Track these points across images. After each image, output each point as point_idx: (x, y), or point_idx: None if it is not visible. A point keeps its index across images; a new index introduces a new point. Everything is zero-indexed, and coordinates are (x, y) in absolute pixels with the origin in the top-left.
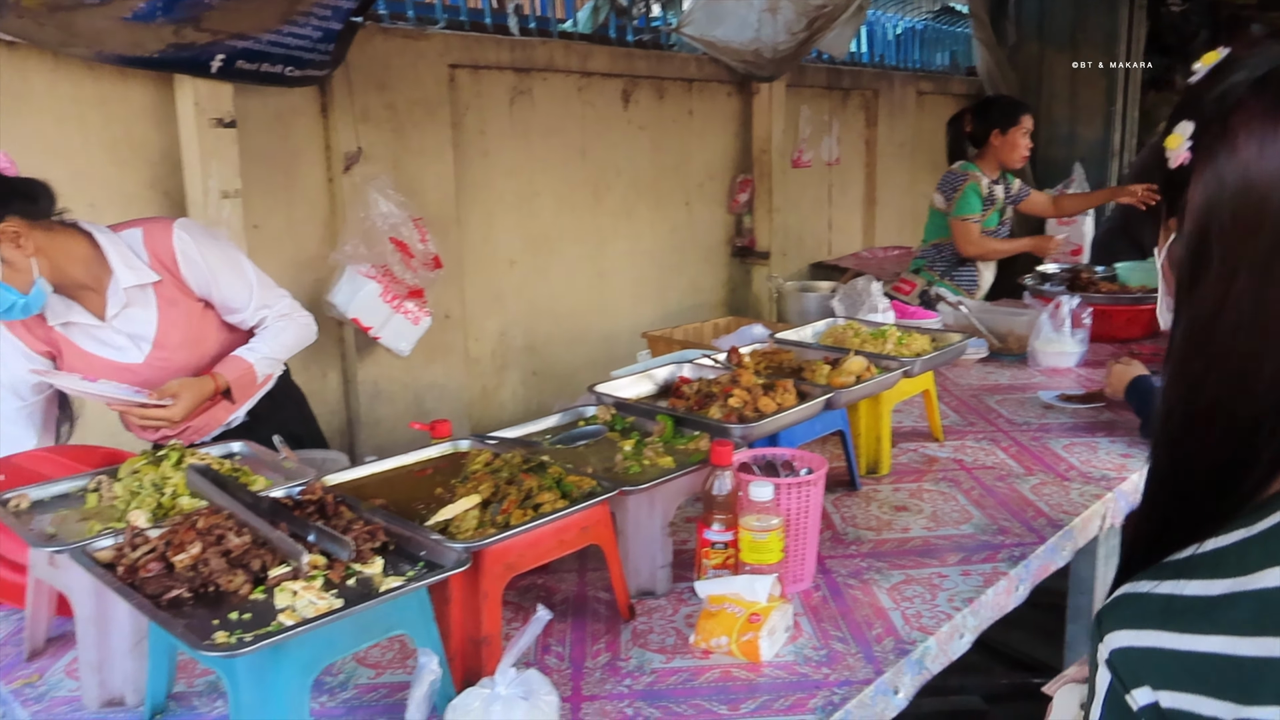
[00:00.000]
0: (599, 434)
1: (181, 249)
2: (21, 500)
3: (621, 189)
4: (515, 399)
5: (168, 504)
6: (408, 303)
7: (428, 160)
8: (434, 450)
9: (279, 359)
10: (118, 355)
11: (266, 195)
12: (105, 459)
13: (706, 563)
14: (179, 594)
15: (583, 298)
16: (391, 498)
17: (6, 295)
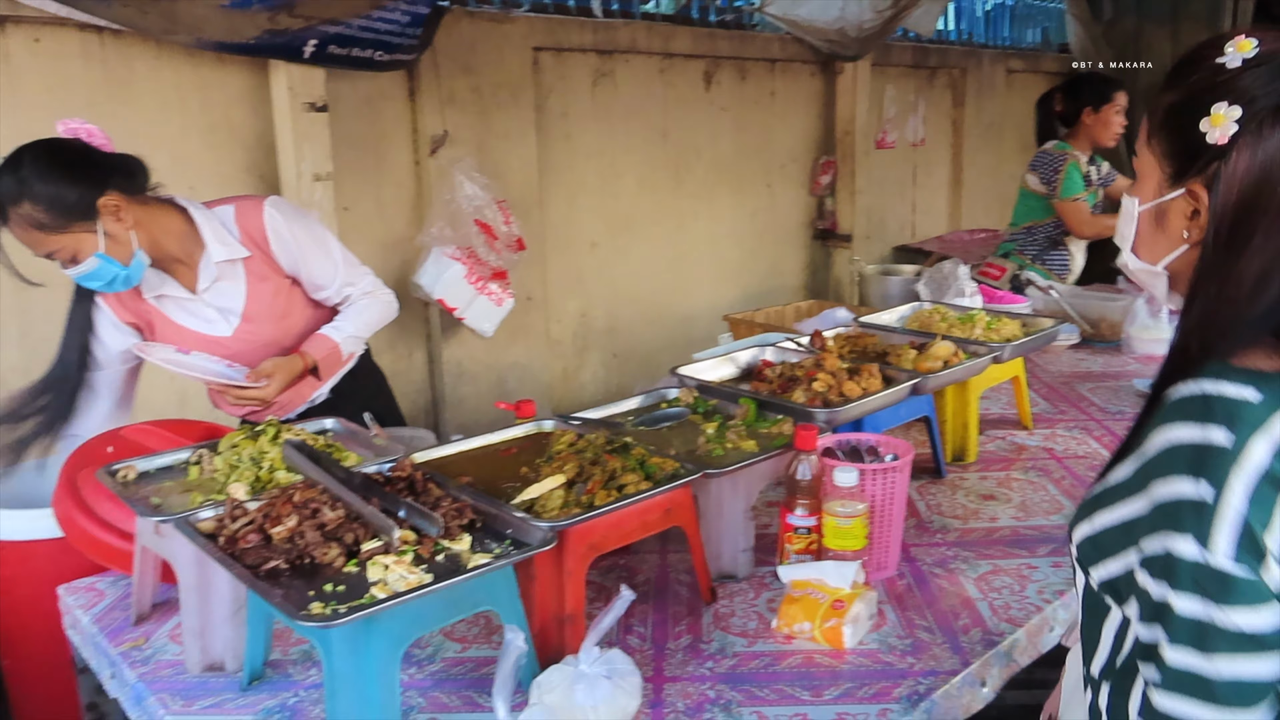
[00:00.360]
0: (682, 416)
1: (272, 226)
2: (129, 471)
3: (702, 171)
4: (595, 380)
5: (265, 477)
6: (491, 284)
7: (511, 143)
8: (519, 430)
9: (363, 337)
10: (207, 328)
11: (356, 178)
12: (205, 433)
13: (789, 547)
14: (276, 565)
15: (662, 280)
16: (478, 476)
17: (109, 267)
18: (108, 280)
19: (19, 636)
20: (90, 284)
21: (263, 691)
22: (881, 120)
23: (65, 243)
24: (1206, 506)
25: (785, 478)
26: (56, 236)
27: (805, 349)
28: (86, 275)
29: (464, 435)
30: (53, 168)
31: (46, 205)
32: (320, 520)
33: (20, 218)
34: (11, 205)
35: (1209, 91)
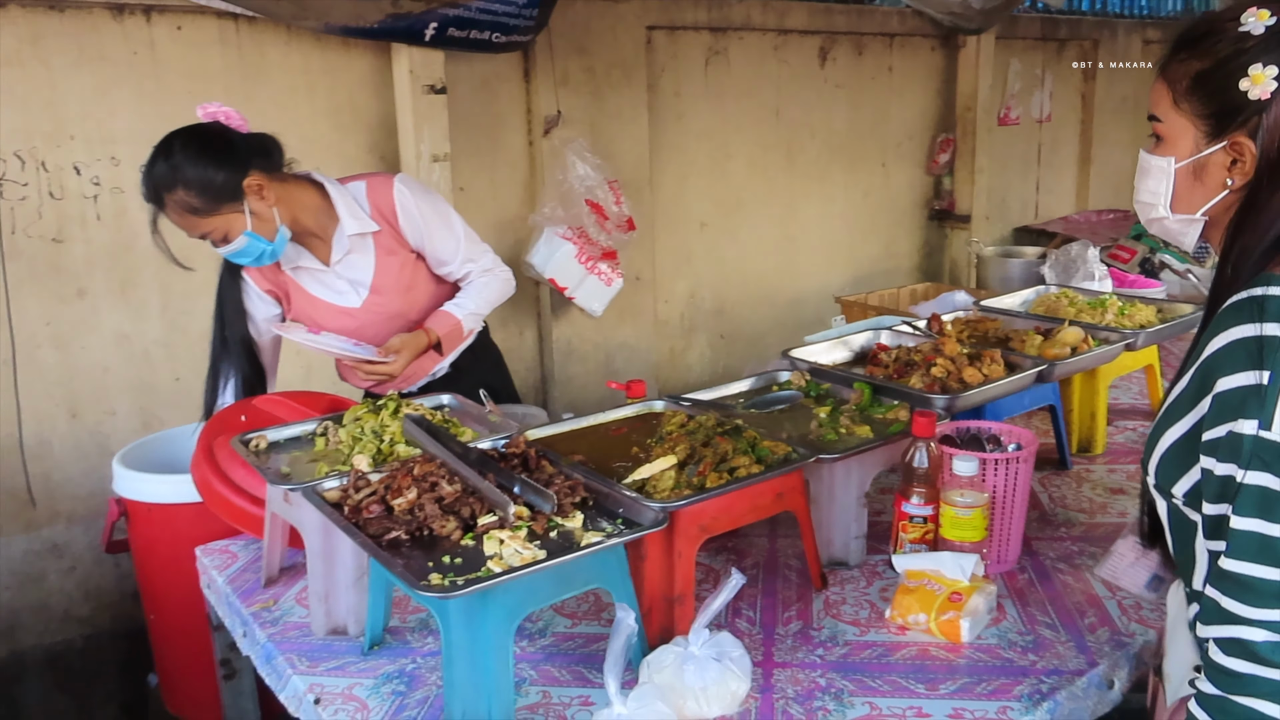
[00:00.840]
0: (794, 400)
1: (400, 202)
2: (261, 441)
3: (815, 150)
4: (702, 361)
5: (386, 450)
6: (601, 264)
7: (623, 123)
8: (629, 410)
9: (483, 314)
10: (338, 299)
11: (472, 158)
12: (330, 405)
13: (903, 536)
14: (397, 535)
15: (772, 261)
16: (589, 454)
17: (256, 244)
18: (255, 256)
19: (162, 593)
20: (239, 260)
21: (382, 657)
22: (1005, 96)
23: (216, 224)
24: (1265, 389)
25: (901, 465)
26: (209, 219)
27: (922, 333)
28: (236, 253)
29: (574, 414)
30: (201, 154)
31: (198, 190)
32: (439, 494)
33: (175, 203)
34: (167, 192)
35: (1241, 55)
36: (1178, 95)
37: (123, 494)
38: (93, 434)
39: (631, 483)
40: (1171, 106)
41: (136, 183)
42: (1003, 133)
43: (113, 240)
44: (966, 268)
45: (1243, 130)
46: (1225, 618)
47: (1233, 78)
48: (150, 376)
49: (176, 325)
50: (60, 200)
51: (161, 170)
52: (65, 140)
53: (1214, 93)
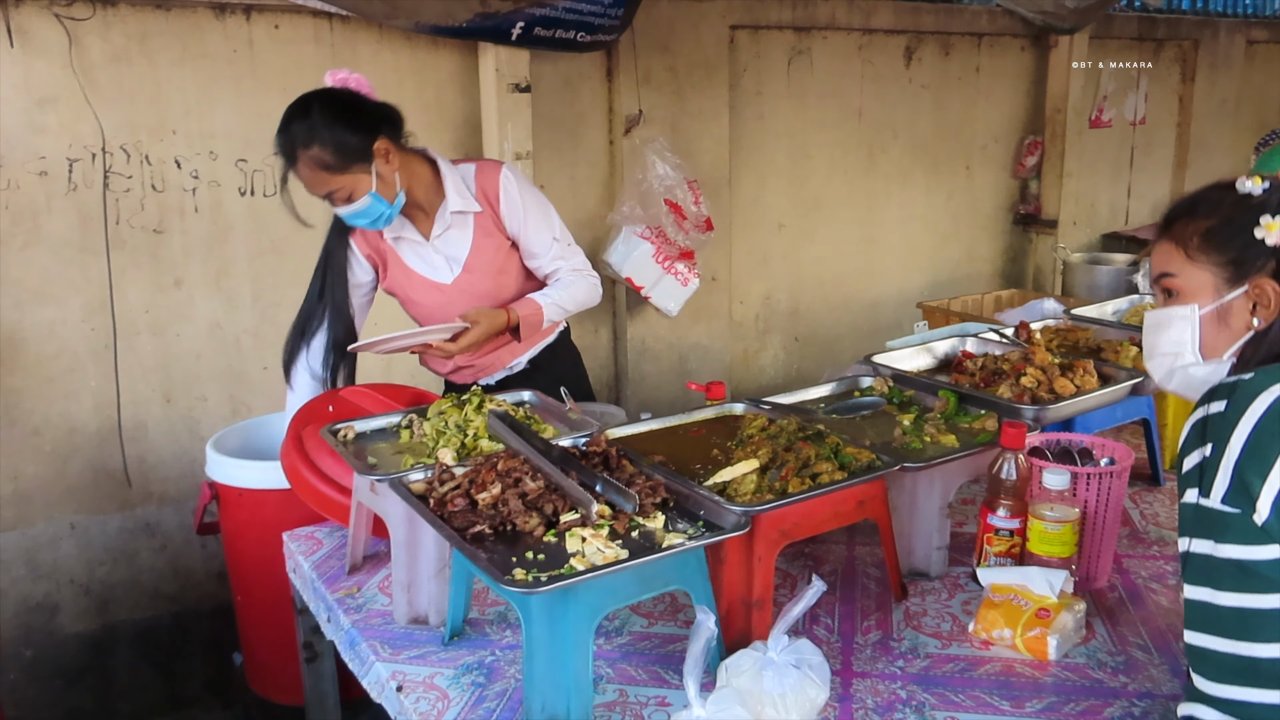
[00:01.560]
0: (876, 406)
1: (505, 187)
2: (349, 431)
3: (898, 152)
4: (776, 364)
5: (470, 445)
6: (678, 264)
7: (704, 122)
8: (708, 411)
9: (566, 310)
10: (432, 273)
11: (553, 156)
12: (414, 398)
13: (988, 549)
14: (481, 529)
15: (850, 263)
16: (669, 455)
17: (377, 206)
18: (374, 218)
19: (249, 575)
20: (357, 221)
21: (462, 648)
22: (1097, 97)
23: (344, 183)
24: (1205, 460)
25: (987, 476)
26: (338, 177)
27: (1009, 341)
28: (357, 213)
29: (650, 413)
30: (338, 114)
31: (333, 148)
32: (522, 489)
33: (309, 159)
34: (302, 148)
35: (1248, 211)
36: (1190, 250)
37: (215, 478)
38: (184, 419)
39: (713, 485)
40: (1186, 261)
41: (233, 177)
42: (1093, 135)
43: (209, 232)
44: (1051, 274)
45: (1263, 273)
46: (1190, 694)
47: (1245, 229)
48: (240, 364)
49: (266, 316)
50: (161, 193)
51: (299, 128)
52: (167, 135)
53: (1228, 243)
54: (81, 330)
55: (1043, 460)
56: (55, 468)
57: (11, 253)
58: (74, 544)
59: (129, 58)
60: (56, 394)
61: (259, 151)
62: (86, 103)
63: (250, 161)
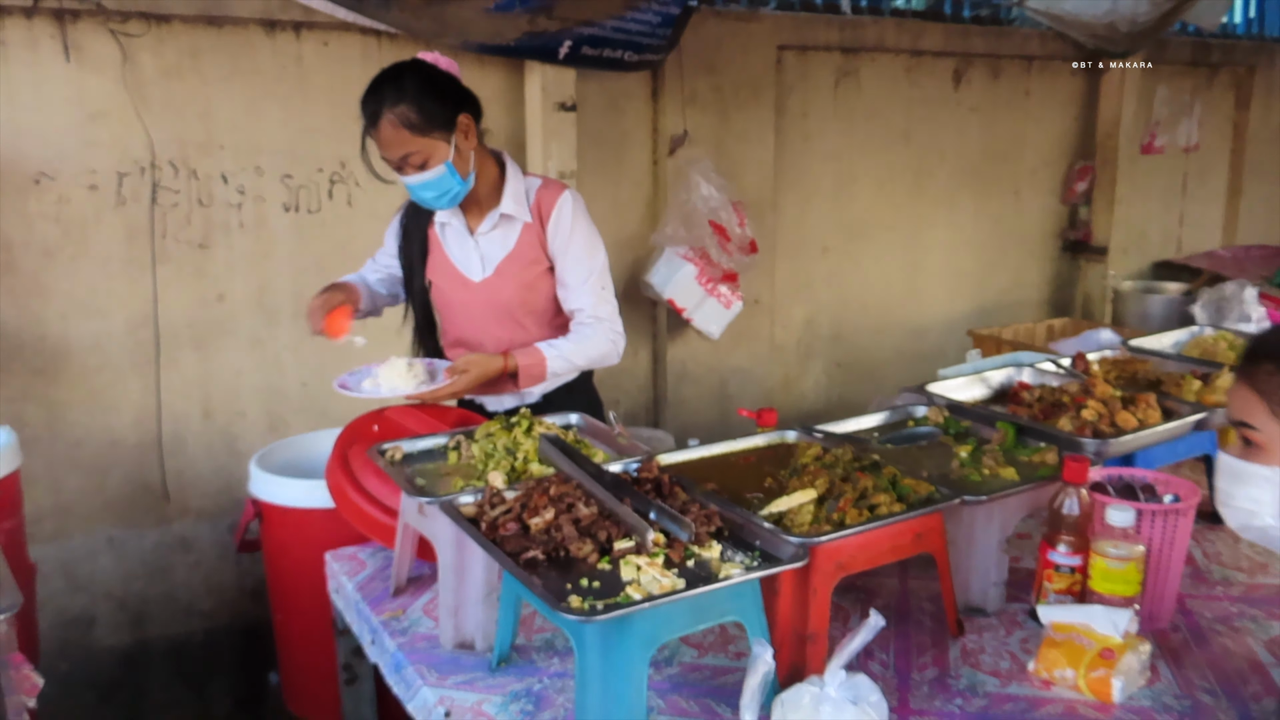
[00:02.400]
0: (933, 437)
1: (560, 208)
2: (396, 452)
3: (945, 175)
4: (817, 389)
5: (520, 468)
6: (721, 286)
7: (749, 143)
8: (761, 439)
9: (575, 365)
10: (465, 268)
11: (597, 176)
12: (459, 419)
13: (1047, 586)
14: (535, 555)
15: (894, 288)
16: (722, 483)
17: (450, 179)
18: (442, 191)
19: (290, 594)
20: (424, 193)
21: (509, 674)
22: (1149, 123)
23: (423, 146)
24: None
25: (1048, 511)
26: (419, 138)
27: (1067, 372)
28: (427, 183)
29: (698, 440)
30: (428, 81)
31: (419, 109)
32: (575, 515)
33: (394, 117)
34: (389, 106)
35: None
36: (1274, 405)
37: (258, 495)
38: (223, 434)
39: (769, 515)
40: (1270, 417)
41: (278, 192)
42: (1145, 161)
43: (253, 248)
44: (1100, 302)
45: None
46: None
47: None
48: (279, 381)
49: (305, 333)
50: (207, 207)
51: (390, 88)
52: (215, 150)
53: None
54: (125, 343)
55: (1105, 496)
56: (95, 481)
57: (60, 265)
58: (111, 558)
59: (180, 73)
60: (98, 407)
61: (305, 167)
62: (137, 117)
63: (295, 177)
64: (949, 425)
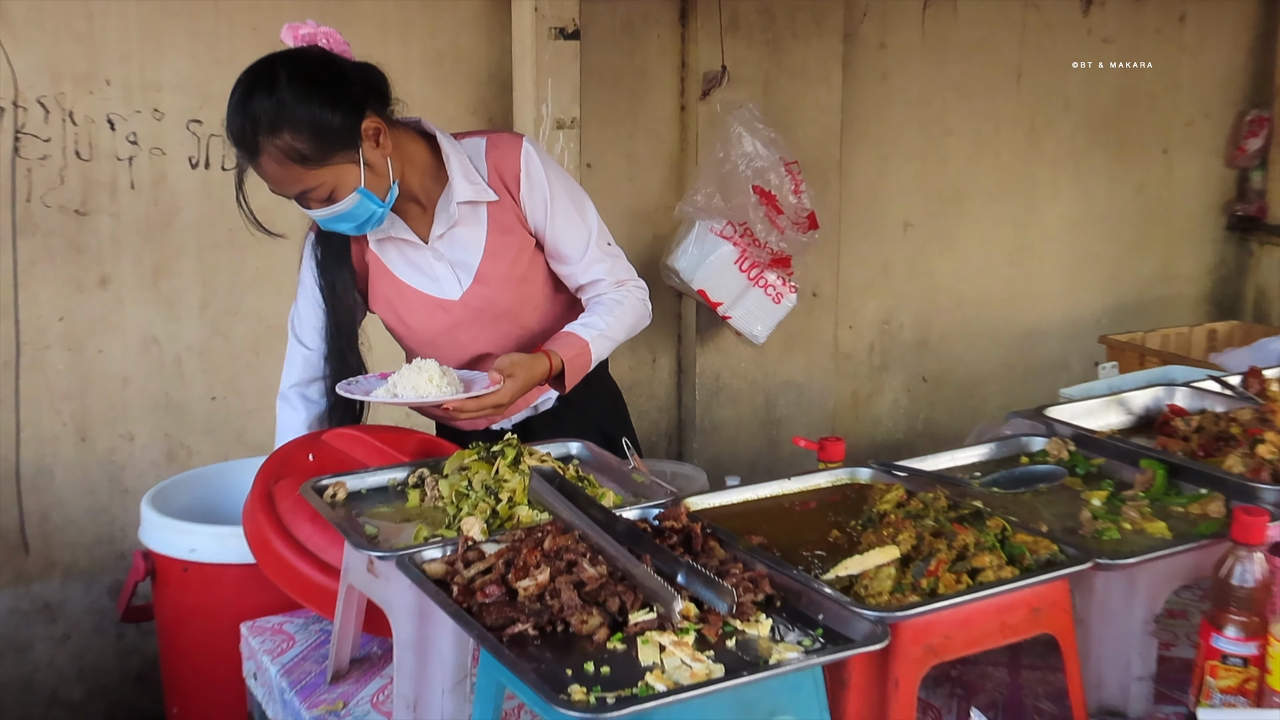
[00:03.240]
0: (1054, 478)
1: (527, 167)
2: (339, 489)
3: (1069, 128)
4: (896, 412)
5: (503, 513)
6: (769, 274)
7: (809, 84)
8: (823, 477)
9: (616, 340)
10: (432, 286)
11: (605, 126)
12: (422, 447)
13: (1212, 682)
14: (524, 629)
15: (999, 278)
16: (772, 536)
17: (366, 204)
18: (362, 220)
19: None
20: (338, 226)
21: None
22: None
23: (325, 178)
24: None
25: (1212, 581)
26: (316, 171)
27: (1236, 393)
28: (339, 216)
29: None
30: (312, 87)
31: (310, 134)
32: (578, 577)
33: (277, 151)
34: (267, 135)
35: None
36: None
37: (151, 546)
38: (104, 464)
39: (835, 579)
40: None
41: (182, 142)
42: None
43: (147, 215)
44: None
45: None
46: None
47: None
48: (180, 393)
49: (218, 329)
50: (88, 162)
51: (265, 108)
52: (99, 86)
53: None
54: None
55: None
56: None
57: None
58: None
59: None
60: None
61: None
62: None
63: (207, 124)
64: (1076, 463)
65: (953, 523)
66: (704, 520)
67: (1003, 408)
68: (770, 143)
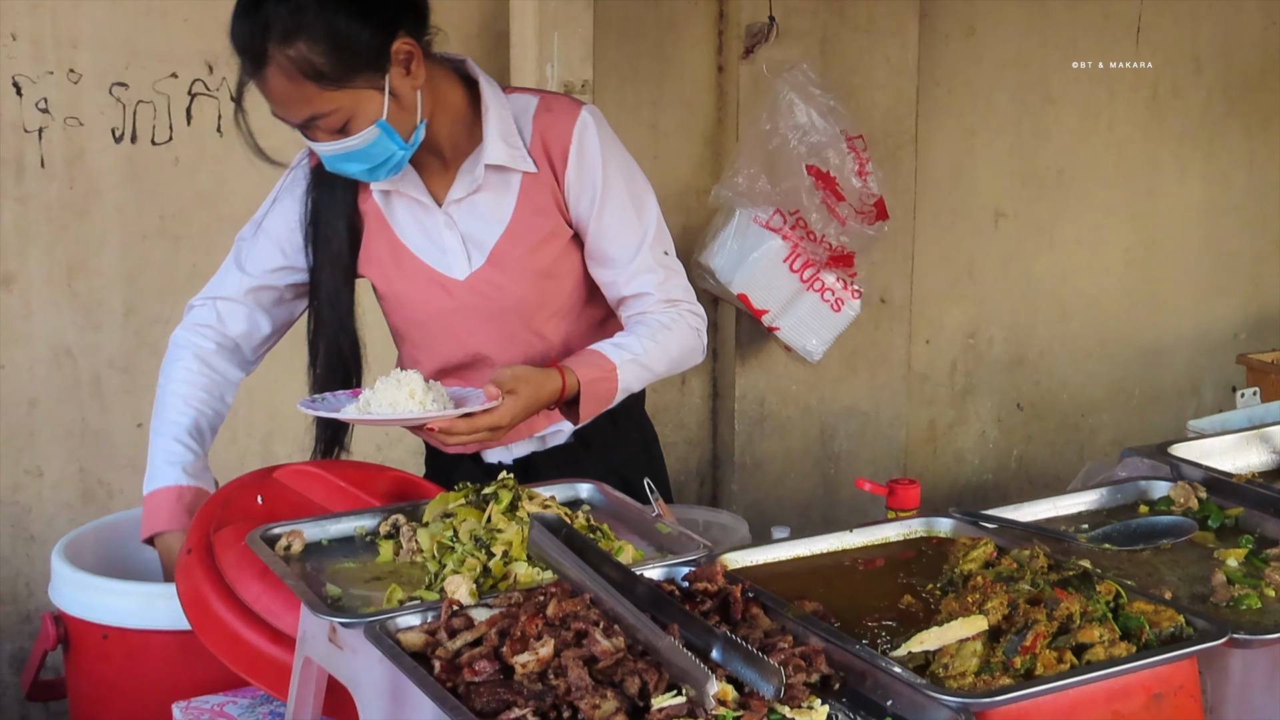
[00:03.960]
0: (1180, 532)
1: (582, 140)
2: (294, 540)
3: (1200, 94)
4: (983, 446)
5: (497, 570)
6: (826, 275)
7: (875, 39)
8: (893, 529)
9: (654, 373)
10: (437, 259)
11: (623, 91)
12: (396, 487)
13: None
14: (522, 715)
15: (1114, 282)
16: (829, 602)
17: (386, 143)
18: (378, 162)
19: None
20: (347, 167)
21: None
22: None
23: (342, 103)
24: None
25: None
26: (332, 93)
27: None
28: (351, 152)
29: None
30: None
31: (330, 46)
32: (589, 651)
33: (288, 63)
34: (278, 43)
35: None
36: None
37: (63, 607)
38: (5, 504)
39: (908, 656)
40: None
41: (105, 111)
42: None
43: (60, 200)
44: None
45: None
46: None
47: None
48: (99, 418)
49: (145, 337)
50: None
51: (279, 11)
52: (3, 41)
53: None
54: None
55: None
56: None
57: None
58: None
59: None
60: None
61: (148, 72)
62: None
63: (133, 88)
64: (1208, 513)
65: (1054, 587)
66: (745, 581)
67: (1117, 443)
68: (828, 112)
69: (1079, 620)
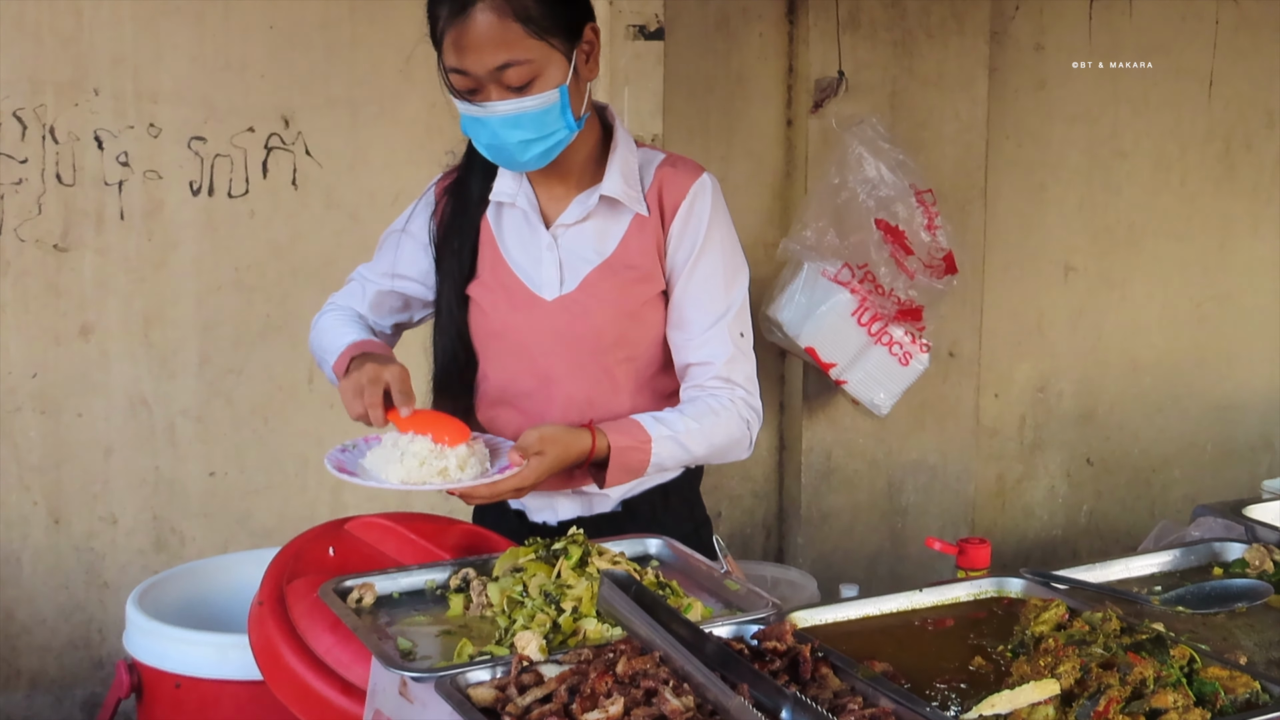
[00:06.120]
0: (1257, 595)
1: (693, 201)
2: (366, 593)
3: (1274, 148)
4: (1053, 501)
5: (567, 626)
6: (895, 328)
7: (946, 93)
8: (963, 588)
9: (693, 455)
10: (530, 278)
11: (692, 145)
12: (466, 540)
13: None
14: None
15: (1185, 336)
16: (899, 662)
17: (557, 115)
18: (543, 133)
19: None
20: (515, 134)
21: None
22: None
23: (537, 54)
24: None
25: None
26: (534, 42)
27: None
28: (525, 116)
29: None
30: None
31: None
32: (658, 709)
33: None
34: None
35: None
36: None
37: (137, 656)
38: (80, 551)
39: (978, 719)
40: None
41: (183, 164)
42: None
43: (139, 251)
44: None
45: None
46: None
47: None
48: (172, 466)
49: (218, 388)
50: (70, 187)
51: None
52: (86, 96)
53: None
54: None
55: None
56: None
57: None
58: None
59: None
60: None
61: (226, 125)
62: None
63: (210, 141)
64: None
65: (1127, 651)
66: (814, 641)
67: (1189, 500)
68: (898, 166)
69: (1152, 685)
